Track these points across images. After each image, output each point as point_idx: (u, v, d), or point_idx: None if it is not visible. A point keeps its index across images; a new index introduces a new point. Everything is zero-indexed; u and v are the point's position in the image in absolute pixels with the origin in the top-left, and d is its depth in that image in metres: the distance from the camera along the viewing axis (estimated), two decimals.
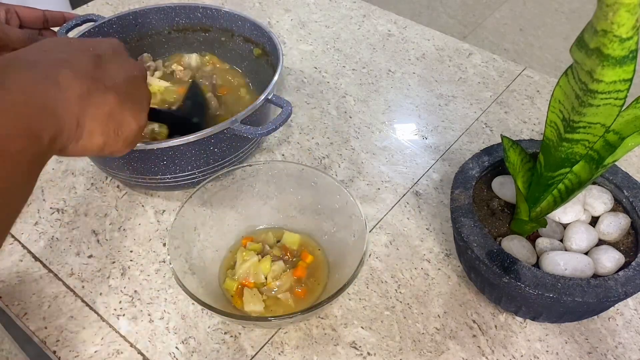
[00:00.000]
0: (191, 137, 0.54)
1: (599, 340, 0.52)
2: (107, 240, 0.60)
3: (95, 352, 0.51)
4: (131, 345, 0.51)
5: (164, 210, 0.63)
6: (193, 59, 0.74)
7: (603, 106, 0.39)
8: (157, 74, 0.71)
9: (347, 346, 0.51)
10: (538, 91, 0.79)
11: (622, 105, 0.39)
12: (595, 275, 0.48)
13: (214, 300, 0.48)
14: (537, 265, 0.49)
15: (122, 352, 0.51)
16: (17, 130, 0.31)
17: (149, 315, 0.53)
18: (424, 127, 0.73)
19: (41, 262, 0.58)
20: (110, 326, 0.52)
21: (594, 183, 0.55)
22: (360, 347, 0.51)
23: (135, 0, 0.96)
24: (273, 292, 0.52)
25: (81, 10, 0.93)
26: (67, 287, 0.56)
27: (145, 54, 0.74)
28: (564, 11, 2.29)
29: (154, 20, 0.72)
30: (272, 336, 0.52)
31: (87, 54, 0.39)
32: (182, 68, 0.72)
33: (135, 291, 0.55)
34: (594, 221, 0.53)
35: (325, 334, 0.52)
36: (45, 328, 0.52)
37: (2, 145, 0.30)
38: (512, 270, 0.46)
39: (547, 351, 0.51)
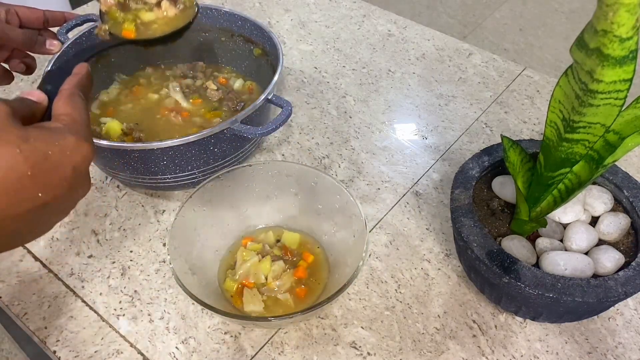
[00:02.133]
0: (191, 137, 0.54)
1: (599, 340, 0.52)
2: (107, 240, 0.60)
3: (95, 352, 0.51)
4: (131, 345, 0.51)
5: (164, 210, 0.63)
6: (238, 83, 0.73)
7: (603, 106, 0.39)
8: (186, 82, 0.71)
9: (347, 346, 0.51)
10: (538, 91, 0.79)
11: (622, 105, 0.39)
12: (595, 275, 0.48)
13: (214, 300, 0.48)
14: (537, 265, 0.49)
15: (122, 352, 0.51)
16: None
17: (149, 315, 0.53)
18: (424, 127, 0.73)
19: (41, 262, 0.58)
20: (110, 326, 0.52)
21: (594, 183, 0.55)
22: (360, 347, 0.51)
23: None
24: (273, 292, 0.52)
25: (81, 10, 0.93)
26: (67, 287, 0.56)
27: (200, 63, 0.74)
28: (564, 11, 2.29)
29: None
30: (272, 336, 0.52)
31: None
32: (215, 87, 0.70)
33: (135, 291, 0.55)
34: (594, 221, 0.53)
35: (325, 334, 0.52)
36: (45, 328, 0.52)
37: None
38: (512, 270, 0.46)
39: (547, 351, 0.51)
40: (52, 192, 0.33)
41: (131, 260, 0.58)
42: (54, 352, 0.51)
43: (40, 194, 0.33)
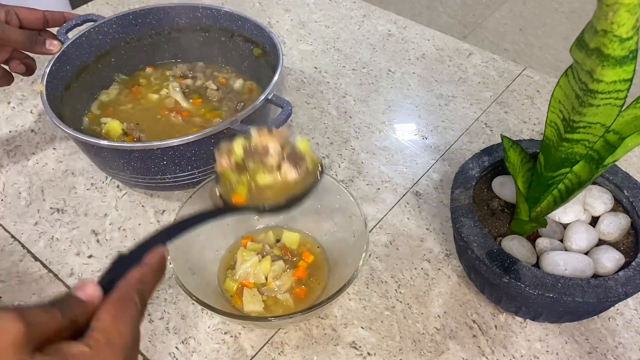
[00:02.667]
0: (191, 137, 0.54)
1: (599, 340, 0.52)
2: (107, 240, 0.60)
3: None
4: None
5: (164, 210, 0.63)
6: (238, 83, 0.72)
7: (603, 106, 0.39)
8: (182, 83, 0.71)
9: (347, 346, 0.51)
10: (538, 91, 0.79)
11: (622, 105, 0.39)
12: (595, 275, 0.48)
13: (214, 300, 0.48)
14: (537, 265, 0.49)
15: None
16: None
17: (149, 315, 0.53)
18: (424, 127, 0.73)
19: (41, 262, 0.58)
20: None
21: (594, 183, 0.55)
22: (360, 347, 0.51)
23: (135, 0, 0.96)
24: (273, 292, 0.52)
25: (81, 10, 0.93)
26: (67, 287, 0.56)
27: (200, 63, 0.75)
28: (564, 11, 2.29)
29: (154, 20, 0.72)
30: (272, 336, 0.52)
31: None
32: (215, 87, 0.71)
33: None
34: (594, 221, 0.53)
35: (325, 334, 0.52)
36: None
37: None
38: (512, 270, 0.46)
39: (547, 351, 0.51)
40: None
41: None
42: None
43: None
